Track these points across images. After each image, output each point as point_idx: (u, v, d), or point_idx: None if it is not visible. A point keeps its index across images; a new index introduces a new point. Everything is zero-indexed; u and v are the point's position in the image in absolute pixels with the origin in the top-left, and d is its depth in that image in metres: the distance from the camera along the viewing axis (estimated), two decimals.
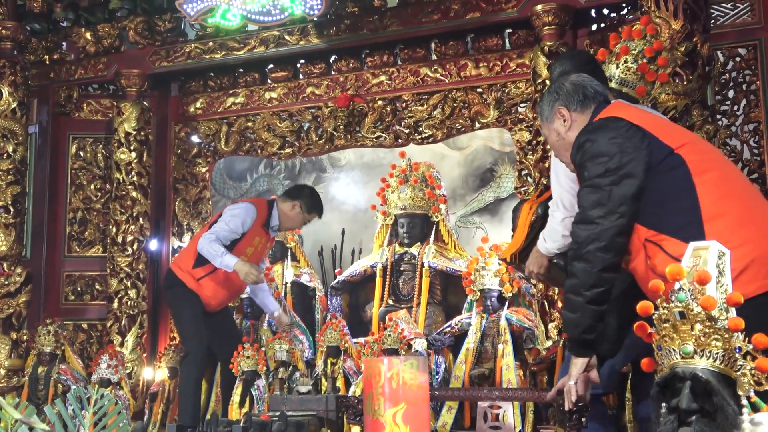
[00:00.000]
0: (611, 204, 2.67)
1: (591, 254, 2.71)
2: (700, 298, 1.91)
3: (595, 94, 2.97)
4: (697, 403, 1.91)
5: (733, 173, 2.76)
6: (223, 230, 5.39)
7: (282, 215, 5.64)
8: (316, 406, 5.13)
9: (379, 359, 1.84)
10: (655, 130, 2.70)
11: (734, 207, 2.57)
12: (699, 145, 2.76)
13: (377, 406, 1.79)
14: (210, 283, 5.50)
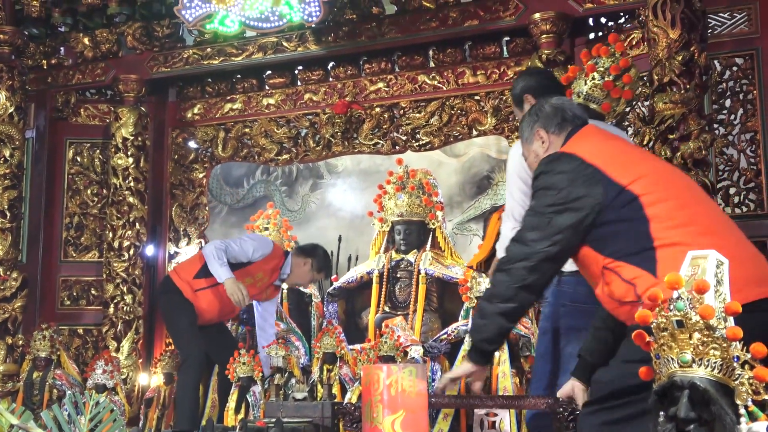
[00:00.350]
0: (548, 230, 2.73)
1: (515, 270, 2.78)
2: (699, 307, 1.91)
3: (573, 117, 3.02)
4: (695, 412, 1.91)
5: (690, 199, 2.75)
6: (234, 247, 5.52)
7: (293, 267, 5.75)
8: (312, 412, 5.11)
9: (377, 366, 1.83)
10: (609, 166, 2.74)
11: (687, 234, 2.58)
12: (653, 176, 2.76)
13: (376, 413, 1.79)
14: (207, 296, 5.54)
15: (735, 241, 2.62)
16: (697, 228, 2.61)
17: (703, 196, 2.87)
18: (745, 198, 5.15)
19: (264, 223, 6.99)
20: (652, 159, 3.03)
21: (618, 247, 2.65)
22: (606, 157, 2.80)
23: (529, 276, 2.76)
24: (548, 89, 3.79)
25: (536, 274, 2.76)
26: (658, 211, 2.64)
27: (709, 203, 2.83)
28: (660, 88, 4.81)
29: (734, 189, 5.17)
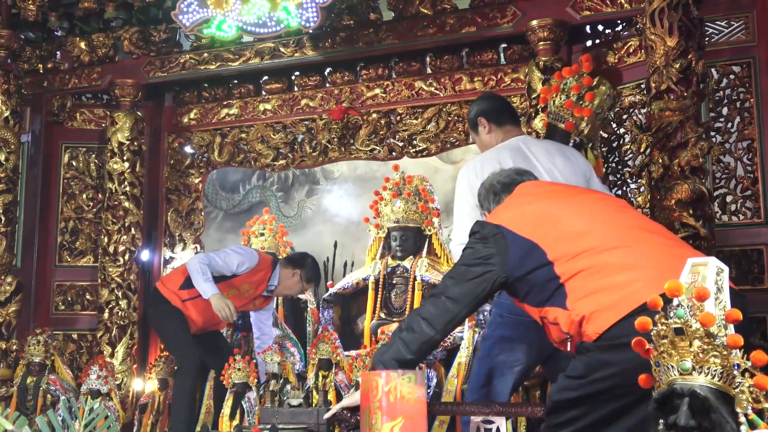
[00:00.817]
0: (459, 278, 2.93)
1: (423, 302, 3.00)
2: (699, 315, 1.90)
3: (503, 189, 3.21)
4: (695, 420, 1.90)
5: (594, 223, 2.87)
6: (218, 261, 5.48)
7: (282, 279, 5.71)
8: (307, 419, 5.09)
9: (376, 373, 1.82)
10: (510, 222, 2.92)
11: (587, 258, 2.71)
12: (549, 218, 2.90)
13: (374, 420, 1.78)
14: (196, 306, 5.55)
15: (643, 248, 2.71)
16: (596, 249, 2.72)
17: (616, 213, 2.96)
18: (742, 206, 5.15)
19: (260, 228, 6.98)
20: (565, 195, 3.14)
21: (539, 297, 2.81)
22: (516, 218, 2.97)
23: (432, 309, 2.90)
24: (501, 113, 4.04)
25: (436, 310, 2.90)
26: (558, 251, 2.77)
27: (621, 218, 2.93)
28: (657, 96, 4.80)
29: (731, 197, 5.18)
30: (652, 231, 2.88)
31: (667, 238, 2.85)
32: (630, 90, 5.63)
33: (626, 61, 5.67)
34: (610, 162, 5.72)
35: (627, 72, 5.66)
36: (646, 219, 3.08)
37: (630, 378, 2.42)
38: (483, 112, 4.09)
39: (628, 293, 2.58)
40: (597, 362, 2.59)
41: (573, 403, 2.63)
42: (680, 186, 4.65)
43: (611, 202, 3.12)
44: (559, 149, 4.02)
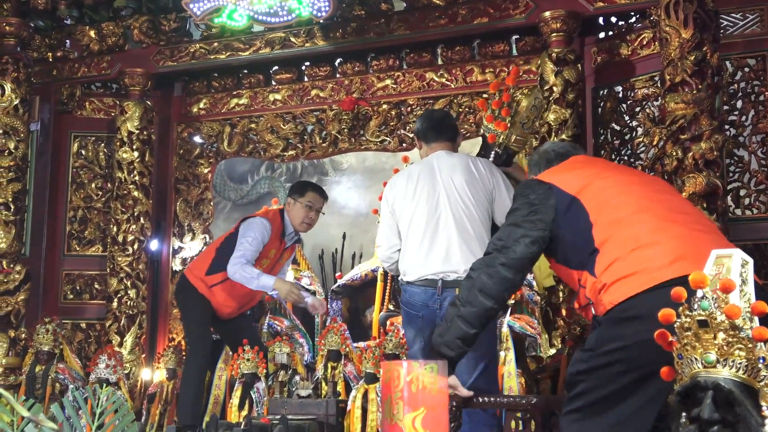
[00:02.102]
0: (507, 241, 2.94)
1: (477, 274, 2.95)
2: (724, 307, 1.88)
3: (557, 156, 3.26)
4: (719, 413, 1.87)
5: (627, 198, 2.87)
6: (249, 251, 5.34)
7: (290, 219, 5.61)
8: (316, 410, 5.10)
9: (398, 363, 1.80)
10: (560, 182, 2.95)
11: (621, 235, 2.73)
12: (597, 183, 2.93)
13: (396, 410, 1.76)
14: (222, 291, 5.51)
15: (675, 229, 2.70)
16: (629, 221, 2.74)
17: (659, 194, 2.95)
18: (756, 200, 5.13)
19: None
20: (596, 169, 3.17)
21: (577, 259, 2.82)
22: (559, 176, 3.02)
23: (487, 280, 2.91)
24: (427, 132, 4.32)
25: (493, 280, 2.91)
26: (598, 214, 2.79)
27: (664, 198, 2.91)
28: (671, 88, 4.78)
29: (744, 191, 5.15)
30: (689, 214, 2.88)
31: (702, 224, 2.82)
32: (643, 82, 5.60)
33: (639, 53, 5.64)
34: (623, 155, 5.70)
35: (640, 64, 5.63)
36: (688, 204, 3.07)
37: (635, 353, 2.49)
38: (416, 132, 4.44)
39: (645, 269, 2.57)
40: (606, 335, 2.61)
41: (583, 376, 2.64)
42: (694, 179, 4.63)
43: (658, 185, 3.09)
44: (466, 166, 4.17)
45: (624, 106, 5.72)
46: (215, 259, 5.54)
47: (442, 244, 4.03)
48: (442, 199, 4.08)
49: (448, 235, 4.03)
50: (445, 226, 4.05)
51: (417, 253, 4.06)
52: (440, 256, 4.01)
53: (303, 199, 5.56)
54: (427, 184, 4.14)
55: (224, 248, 5.56)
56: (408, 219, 4.12)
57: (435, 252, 4.02)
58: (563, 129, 5.52)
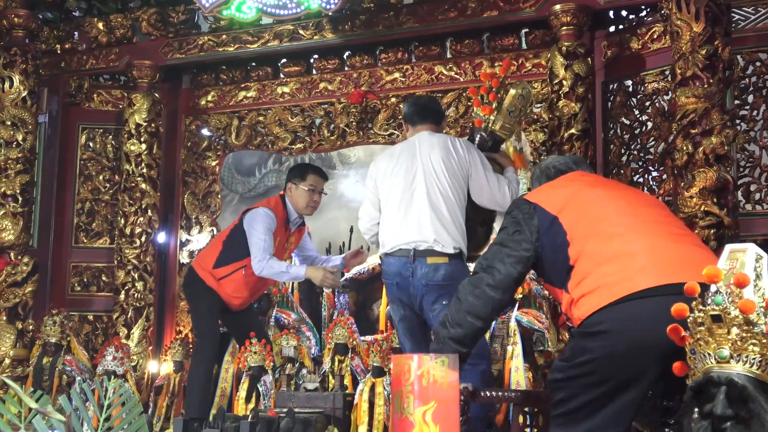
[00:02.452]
0: (492, 260, 3.03)
1: (464, 295, 3.03)
2: (738, 302, 1.86)
3: (556, 173, 3.35)
4: (732, 409, 1.87)
5: (604, 211, 2.93)
6: (264, 244, 5.34)
7: (293, 204, 5.61)
8: (323, 403, 5.09)
9: (408, 356, 1.79)
10: (545, 200, 3.03)
11: (592, 244, 2.81)
12: (578, 198, 3.00)
13: (406, 404, 1.75)
14: (231, 283, 5.52)
15: (649, 242, 2.76)
16: (603, 235, 2.81)
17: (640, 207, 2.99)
18: (767, 195, 5.09)
19: None
20: (604, 186, 3.28)
21: (558, 278, 2.91)
22: (545, 194, 3.12)
23: (475, 302, 2.99)
24: (413, 116, 4.67)
25: (481, 301, 2.99)
26: (575, 231, 2.87)
27: (643, 212, 2.95)
28: (682, 82, 4.76)
29: (755, 186, 5.12)
30: (667, 224, 2.91)
31: (683, 238, 2.85)
32: (653, 76, 5.57)
33: (650, 47, 5.60)
34: (632, 149, 5.67)
35: (650, 58, 5.59)
36: (671, 217, 3.09)
37: (604, 365, 2.59)
38: (403, 116, 4.80)
39: (608, 283, 2.65)
40: (578, 348, 2.72)
41: (561, 384, 2.74)
42: (704, 174, 4.60)
43: (642, 198, 3.19)
44: (444, 144, 4.45)
45: (634, 100, 5.68)
46: (222, 252, 5.54)
47: (414, 216, 4.30)
48: (418, 174, 4.36)
49: (420, 208, 4.30)
50: (419, 199, 4.32)
51: (392, 224, 4.37)
52: (413, 227, 4.28)
53: (305, 183, 5.58)
54: (407, 160, 4.44)
55: (231, 241, 5.56)
56: (386, 193, 4.44)
57: (408, 223, 4.31)
58: (573, 123, 5.50)
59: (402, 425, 1.75)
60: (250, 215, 5.49)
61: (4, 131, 6.48)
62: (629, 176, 5.61)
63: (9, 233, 6.40)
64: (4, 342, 6.25)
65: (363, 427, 4.99)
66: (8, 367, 6.18)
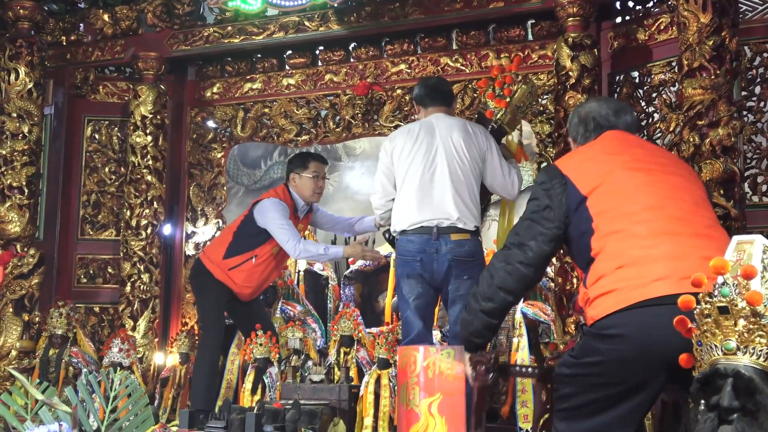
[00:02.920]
0: (524, 237, 2.97)
1: (496, 270, 3.01)
2: (746, 293, 1.85)
3: (596, 127, 3.26)
4: (739, 401, 1.86)
5: (631, 204, 2.84)
6: (289, 227, 5.39)
7: (297, 193, 5.62)
8: (328, 395, 5.09)
9: (414, 347, 1.78)
10: (577, 174, 2.96)
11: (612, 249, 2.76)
12: (610, 181, 2.91)
13: (412, 395, 1.74)
14: (241, 273, 5.53)
15: (669, 244, 2.70)
16: (625, 233, 2.76)
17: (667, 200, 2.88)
18: None
19: None
20: (623, 158, 3.07)
21: (582, 264, 2.89)
22: (580, 165, 3.03)
23: (506, 276, 2.98)
24: (424, 98, 4.74)
25: (512, 276, 2.98)
26: (601, 221, 2.82)
27: (669, 204, 2.85)
28: (689, 74, 4.73)
29: (762, 177, 5.10)
30: (693, 221, 2.81)
31: (708, 239, 2.75)
32: (660, 68, 5.55)
33: (657, 38, 5.57)
34: None
35: (657, 49, 5.57)
36: (701, 207, 2.93)
37: (613, 369, 2.59)
38: (414, 98, 4.87)
39: (625, 287, 2.63)
40: (588, 348, 2.72)
41: (567, 379, 2.74)
42: (711, 165, 4.58)
43: (677, 181, 2.98)
44: (463, 126, 4.60)
45: (641, 91, 5.66)
46: (233, 243, 5.55)
47: (437, 193, 4.40)
48: (439, 152, 4.46)
49: (442, 186, 4.41)
50: (441, 178, 4.42)
51: (411, 201, 4.42)
52: (435, 205, 4.39)
53: (308, 171, 5.62)
54: (426, 139, 4.51)
55: (241, 231, 5.58)
56: (405, 170, 4.49)
57: (430, 201, 4.40)
58: None
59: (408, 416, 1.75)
60: (260, 208, 5.51)
61: (10, 123, 6.48)
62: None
63: (15, 225, 6.41)
64: (11, 334, 6.27)
65: (368, 418, 5.00)
66: (15, 359, 6.20)
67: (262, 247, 5.50)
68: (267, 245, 5.50)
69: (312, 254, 5.42)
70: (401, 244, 4.44)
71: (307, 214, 5.78)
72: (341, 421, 4.94)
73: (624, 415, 2.60)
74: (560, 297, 5.43)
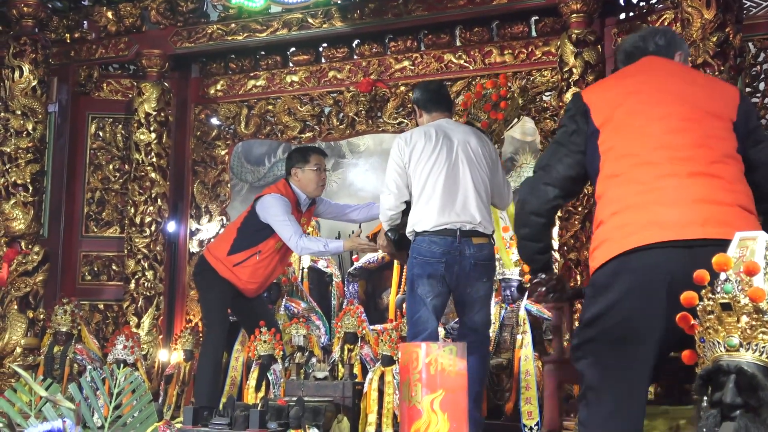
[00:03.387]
0: (550, 159, 2.99)
1: (524, 196, 3.04)
2: (748, 290, 1.85)
3: (625, 57, 3.17)
4: (742, 397, 1.86)
5: (639, 141, 2.75)
6: (291, 222, 5.39)
7: (300, 188, 5.62)
8: (332, 392, 5.10)
9: (416, 344, 1.79)
10: (597, 104, 2.90)
11: (611, 194, 2.74)
12: (622, 112, 2.83)
13: (414, 392, 1.75)
14: (245, 269, 5.54)
15: (675, 189, 2.62)
16: (624, 178, 2.71)
17: (678, 118, 2.77)
18: None
19: None
20: (633, 88, 2.95)
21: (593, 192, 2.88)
22: (601, 94, 2.98)
23: (532, 200, 3.00)
24: (428, 103, 4.77)
25: (537, 199, 2.99)
26: (605, 159, 2.79)
27: (676, 139, 2.72)
28: None
29: None
30: (701, 159, 2.67)
31: (703, 171, 2.64)
32: None
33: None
34: None
35: None
36: (713, 138, 2.73)
37: (611, 320, 2.56)
38: (415, 102, 4.87)
39: (618, 237, 2.61)
40: (585, 306, 2.74)
41: (578, 354, 2.70)
42: None
43: (684, 114, 2.79)
44: (476, 133, 4.71)
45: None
46: (237, 239, 5.56)
47: (460, 197, 4.45)
48: (460, 156, 4.52)
49: (466, 189, 4.47)
50: (464, 181, 4.48)
51: (435, 203, 4.43)
52: (458, 208, 4.43)
53: (310, 165, 5.62)
54: (446, 142, 4.54)
55: (245, 228, 5.59)
56: (425, 172, 4.49)
57: (453, 203, 4.43)
58: None
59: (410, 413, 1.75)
60: (262, 203, 5.52)
61: (14, 121, 6.50)
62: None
63: (19, 222, 6.43)
64: (15, 331, 6.28)
65: (372, 415, 5.00)
66: (19, 356, 6.22)
67: (266, 243, 5.51)
68: (271, 240, 5.51)
69: (313, 250, 5.45)
70: (422, 245, 4.45)
71: (310, 207, 5.77)
72: (345, 418, 4.95)
73: (633, 378, 2.54)
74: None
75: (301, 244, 5.34)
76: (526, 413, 5.24)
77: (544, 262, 3.13)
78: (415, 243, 4.49)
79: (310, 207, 5.78)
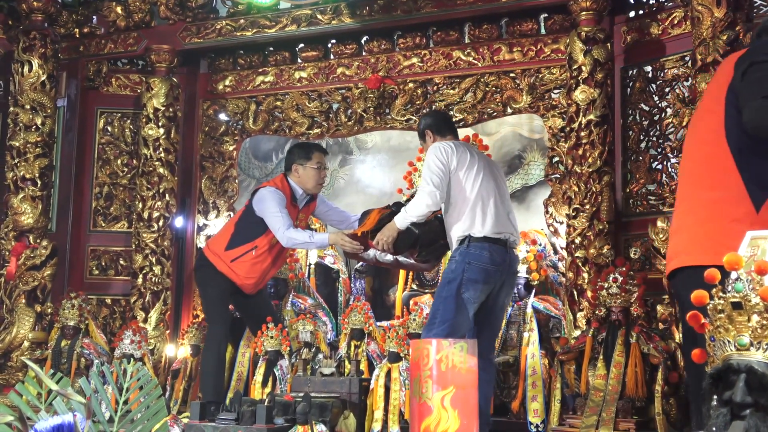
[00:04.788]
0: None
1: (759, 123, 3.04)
2: (759, 289, 1.85)
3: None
4: (752, 396, 1.85)
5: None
6: (282, 215, 5.38)
7: (299, 184, 5.61)
8: (339, 388, 5.11)
9: (427, 341, 1.79)
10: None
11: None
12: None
13: (425, 389, 1.75)
14: (242, 264, 5.53)
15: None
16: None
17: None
18: None
19: None
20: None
21: None
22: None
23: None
24: (442, 127, 4.99)
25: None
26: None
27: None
28: (703, 68, 4.71)
29: None
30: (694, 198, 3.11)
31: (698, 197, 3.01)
32: (673, 62, 5.52)
33: (670, 32, 5.55)
34: (651, 135, 5.63)
35: (671, 44, 5.54)
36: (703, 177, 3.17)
37: None
38: (429, 126, 5.02)
39: None
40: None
41: None
42: None
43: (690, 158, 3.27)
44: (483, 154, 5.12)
45: (653, 86, 5.64)
46: (234, 234, 5.57)
47: (505, 209, 4.71)
48: (494, 172, 4.80)
49: (507, 203, 4.78)
50: (504, 195, 4.76)
51: (490, 211, 4.61)
52: (505, 219, 4.67)
53: (311, 162, 5.62)
54: (480, 158, 4.80)
55: (242, 223, 5.60)
56: (477, 181, 4.63)
57: (501, 214, 4.65)
58: (591, 109, 5.47)
59: (420, 410, 1.75)
60: (258, 196, 5.53)
61: (23, 115, 6.52)
62: (647, 163, 5.57)
63: (28, 217, 6.45)
64: (23, 325, 6.31)
65: (378, 412, 5.01)
66: (27, 350, 6.24)
67: (262, 238, 5.50)
68: (266, 236, 5.50)
69: (299, 241, 5.38)
70: (481, 251, 4.55)
71: (309, 204, 5.76)
72: (351, 414, 4.96)
73: None
74: (571, 292, 5.43)
75: (288, 234, 5.32)
76: (533, 411, 5.24)
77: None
78: (471, 248, 4.56)
79: (309, 204, 5.76)
